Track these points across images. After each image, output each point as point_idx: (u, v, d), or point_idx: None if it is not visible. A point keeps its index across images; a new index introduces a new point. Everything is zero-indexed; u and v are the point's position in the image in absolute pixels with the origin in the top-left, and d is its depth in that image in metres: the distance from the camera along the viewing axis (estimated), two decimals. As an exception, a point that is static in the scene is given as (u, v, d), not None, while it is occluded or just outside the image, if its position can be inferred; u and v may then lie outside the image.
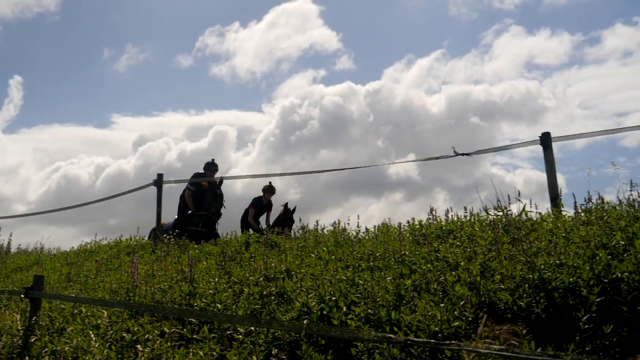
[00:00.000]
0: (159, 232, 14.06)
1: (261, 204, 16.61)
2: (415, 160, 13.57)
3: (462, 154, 9.74)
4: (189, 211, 15.32)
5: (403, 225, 8.61)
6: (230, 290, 7.00)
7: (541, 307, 5.21)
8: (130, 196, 15.94)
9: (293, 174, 16.61)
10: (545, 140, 9.21)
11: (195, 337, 6.02)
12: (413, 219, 9.04)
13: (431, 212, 8.91)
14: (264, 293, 6.54)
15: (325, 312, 5.87)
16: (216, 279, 7.51)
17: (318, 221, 10.49)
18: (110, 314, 6.83)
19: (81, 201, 16.76)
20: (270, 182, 16.65)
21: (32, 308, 7.64)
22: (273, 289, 6.59)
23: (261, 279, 7.02)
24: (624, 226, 6.06)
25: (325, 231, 10.32)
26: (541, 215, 8.02)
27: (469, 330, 5.19)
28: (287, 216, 16.01)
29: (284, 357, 5.40)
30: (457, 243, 7.04)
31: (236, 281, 7.30)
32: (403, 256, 6.96)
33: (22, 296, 7.90)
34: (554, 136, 9.29)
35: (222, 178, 15.46)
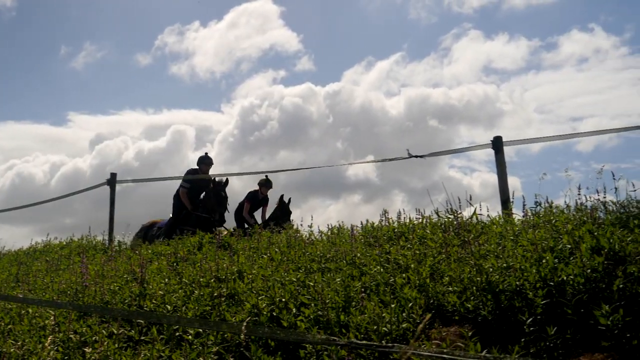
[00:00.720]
0: (152, 231, 13.80)
1: (257, 198, 15.99)
2: (369, 161, 13.71)
3: (416, 156, 9.81)
4: (185, 210, 14.52)
5: (355, 227, 8.65)
6: (181, 291, 6.95)
7: (488, 310, 5.28)
8: (86, 195, 15.70)
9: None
10: (496, 144, 9.33)
11: (143, 339, 5.97)
12: (366, 221, 9.09)
13: (384, 214, 8.96)
14: (215, 294, 6.50)
15: (275, 314, 5.87)
16: (166, 280, 7.45)
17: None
18: (57, 315, 6.73)
19: (36, 200, 16.43)
20: (266, 176, 15.85)
21: (-22, 309, 7.51)
22: (224, 291, 6.56)
23: (212, 280, 6.98)
24: (571, 230, 6.17)
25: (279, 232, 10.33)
26: (491, 218, 8.12)
27: (417, 332, 5.22)
28: (284, 208, 15.48)
29: (233, 359, 5.38)
30: (408, 245, 7.08)
31: (187, 282, 7.24)
32: (354, 258, 6.99)
33: (-32, 296, 7.75)
34: (506, 140, 9.42)
35: (227, 178, 14.62)
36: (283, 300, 5.98)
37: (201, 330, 5.66)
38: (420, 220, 8.57)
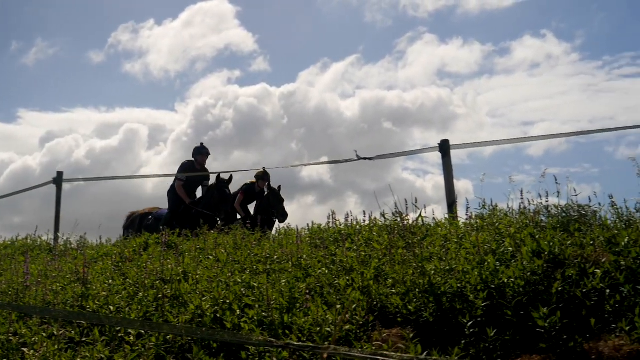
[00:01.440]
0: (148, 221, 13.41)
1: (252, 192, 15.09)
2: (318, 163, 13.74)
3: (364, 158, 9.87)
4: (184, 205, 13.63)
5: (302, 228, 8.67)
6: (124, 292, 6.87)
7: (429, 312, 5.33)
8: (35, 194, 15.34)
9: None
10: (444, 147, 9.42)
11: (85, 340, 5.89)
12: (312, 223, 9.10)
13: (331, 216, 8.98)
14: (159, 295, 6.45)
15: (218, 315, 5.84)
16: (110, 281, 7.36)
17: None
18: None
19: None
20: (264, 168, 14.79)
21: None
22: (168, 292, 6.51)
23: (157, 281, 6.92)
24: (513, 233, 6.26)
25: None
26: (437, 221, 8.20)
27: (360, 333, 5.25)
28: (276, 196, 14.63)
29: (174, 361, 5.35)
30: (354, 247, 7.11)
31: (131, 283, 7.17)
32: (300, 260, 6.99)
33: None
34: (453, 144, 9.51)
35: (232, 175, 13.66)
36: (227, 301, 5.96)
37: (143, 331, 5.60)
38: (366, 222, 8.62)
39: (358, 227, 8.32)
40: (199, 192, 14.28)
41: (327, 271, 6.43)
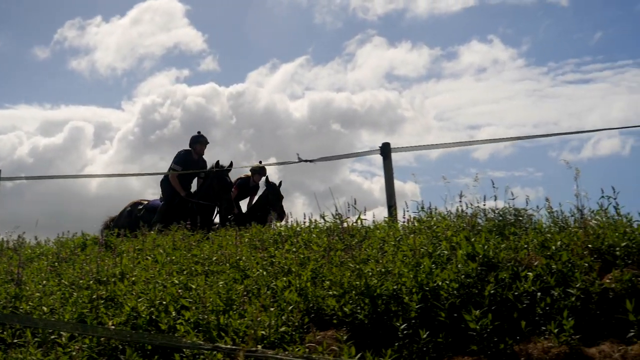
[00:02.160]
0: (139, 212, 12.83)
1: (247, 186, 14.36)
2: (260, 165, 13.42)
3: (305, 161, 9.88)
4: (179, 197, 12.82)
5: (242, 230, 8.65)
6: (59, 293, 6.76)
7: (364, 314, 5.36)
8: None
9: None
10: (385, 150, 9.46)
11: (16, 342, 5.79)
12: (252, 224, 9.06)
13: (271, 217, 8.97)
14: (94, 297, 6.36)
15: (154, 317, 5.78)
16: (45, 282, 7.23)
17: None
18: None
19: None
20: (260, 161, 13.94)
21: None
22: (103, 293, 6.43)
23: (92, 282, 6.82)
24: (450, 236, 6.33)
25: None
26: (376, 223, 8.25)
27: (295, 335, 5.26)
28: (275, 192, 13.88)
29: (107, 363, 5.28)
30: (294, 249, 7.11)
31: (66, 284, 7.06)
32: (238, 261, 6.96)
33: None
34: (394, 147, 9.57)
35: (232, 162, 12.77)
36: (163, 303, 5.90)
37: (76, 333, 5.53)
38: (306, 224, 8.63)
39: (298, 229, 8.32)
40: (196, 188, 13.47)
41: (265, 273, 6.42)
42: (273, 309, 5.48)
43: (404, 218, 8.07)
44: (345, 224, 7.82)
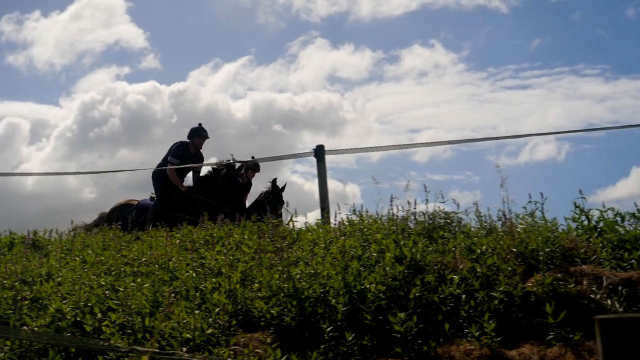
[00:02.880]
0: (132, 213, 12.03)
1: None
2: (200, 165, 13.15)
3: (240, 162, 9.88)
4: (176, 193, 12.22)
5: (172, 231, 8.58)
6: (-19, 293, 6.61)
7: (292, 316, 5.37)
8: None
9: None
10: (318, 152, 9.50)
11: None
12: (182, 225, 8.98)
13: (202, 220, 8.91)
14: (18, 297, 6.22)
15: (79, 319, 5.68)
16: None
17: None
18: None
19: None
20: (252, 157, 13.03)
21: None
22: (28, 294, 6.29)
23: (17, 283, 6.68)
24: (379, 239, 6.39)
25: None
26: (307, 225, 8.27)
27: (221, 337, 5.23)
28: (277, 193, 13.12)
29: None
30: (224, 250, 7.07)
31: (-11, 285, 6.89)
32: (167, 262, 6.89)
33: None
34: (327, 149, 9.62)
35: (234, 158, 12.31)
36: (89, 304, 5.81)
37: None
38: (238, 225, 8.59)
39: (229, 230, 8.28)
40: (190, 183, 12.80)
41: (195, 274, 6.36)
42: (200, 311, 5.45)
43: (336, 220, 8.10)
44: (277, 226, 7.82)
